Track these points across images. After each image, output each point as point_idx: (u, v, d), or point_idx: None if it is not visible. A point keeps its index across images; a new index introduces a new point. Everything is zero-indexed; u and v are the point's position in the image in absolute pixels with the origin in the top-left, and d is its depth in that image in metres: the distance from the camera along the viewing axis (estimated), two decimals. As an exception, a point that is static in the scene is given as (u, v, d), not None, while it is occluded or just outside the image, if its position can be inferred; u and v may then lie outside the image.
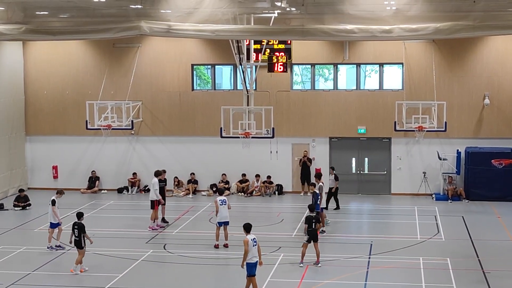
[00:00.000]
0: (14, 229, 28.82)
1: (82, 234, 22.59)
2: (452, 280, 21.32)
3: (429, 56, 34.19)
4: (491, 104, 33.94)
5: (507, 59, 33.95)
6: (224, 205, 25.45)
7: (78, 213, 23.38)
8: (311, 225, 22.81)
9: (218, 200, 25.49)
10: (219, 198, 25.65)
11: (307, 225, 22.85)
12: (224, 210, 25.43)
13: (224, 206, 25.45)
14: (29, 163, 37.59)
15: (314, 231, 22.84)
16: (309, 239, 22.77)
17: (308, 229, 22.78)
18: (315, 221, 22.87)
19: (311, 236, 22.74)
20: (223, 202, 25.46)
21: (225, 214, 25.45)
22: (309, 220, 22.86)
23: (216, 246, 25.19)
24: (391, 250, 24.87)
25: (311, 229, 22.77)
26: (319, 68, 35.93)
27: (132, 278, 21.96)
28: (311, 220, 22.83)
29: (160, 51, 35.97)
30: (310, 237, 22.75)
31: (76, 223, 22.79)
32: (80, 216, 23.05)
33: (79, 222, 22.79)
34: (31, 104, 37.17)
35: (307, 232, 22.79)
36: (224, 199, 25.61)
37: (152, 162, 36.51)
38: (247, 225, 20.01)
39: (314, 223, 22.82)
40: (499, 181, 32.96)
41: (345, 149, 35.60)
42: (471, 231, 27.66)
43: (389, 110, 33.80)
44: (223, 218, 25.41)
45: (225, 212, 25.44)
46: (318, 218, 23.23)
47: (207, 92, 36.23)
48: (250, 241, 19.50)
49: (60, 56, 36.68)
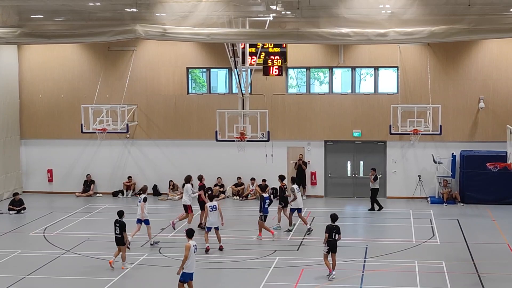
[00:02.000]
0: (9, 233, 28.75)
1: (123, 232, 23.13)
2: (447, 283, 21.34)
3: (424, 59, 34.25)
4: (486, 107, 34.01)
5: (501, 62, 34.03)
6: (214, 211, 25.28)
7: (119, 211, 23.81)
8: (332, 235, 21.81)
9: (208, 206, 25.33)
10: (209, 204, 25.44)
11: (327, 234, 21.85)
12: (213, 216, 25.27)
13: (215, 212, 25.29)
14: (24, 167, 37.53)
15: (334, 241, 21.79)
16: (329, 250, 21.79)
17: (328, 239, 21.79)
18: (336, 232, 21.86)
19: (330, 246, 21.80)
20: (213, 208, 25.26)
21: (214, 220, 25.30)
22: (329, 230, 21.83)
23: (207, 249, 24.98)
24: (386, 253, 24.88)
25: (331, 239, 21.84)
26: (314, 71, 35.97)
27: (127, 282, 21.92)
28: (331, 229, 21.83)
29: (155, 54, 35.97)
30: (330, 247, 21.78)
31: (118, 221, 23.35)
32: (121, 215, 23.61)
33: (120, 220, 23.35)
34: (26, 108, 37.13)
35: (327, 242, 21.76)
36: (215, 205, 25.38)
37: (147, 165, 36.56)
38: (190, 230, 19.76)
39: (334, 234, 21.83)
40: (494, 184, 33.00)
41: (340, 153, 35.63)
42: (466, 234, 27.69)
43: (384, 114, 33.84)
44: (212, 224, 25.27)
45: (214, 218, 25.29)
46: (338, 228, 22.04)
47: (202, 96, 36.23)
48: (192, 247, 19.20)
49: (55, 59, 36.65)
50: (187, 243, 19.26)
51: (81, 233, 28.33)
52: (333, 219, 22.09)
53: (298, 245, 26.17)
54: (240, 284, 21.65)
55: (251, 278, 22.13)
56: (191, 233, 19.67)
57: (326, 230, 21.89)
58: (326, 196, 35.69)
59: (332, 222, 22.01)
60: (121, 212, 23.70)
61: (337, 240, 21.89)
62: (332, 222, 22.02)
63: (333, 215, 22.29)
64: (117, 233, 23.21)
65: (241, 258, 24.42)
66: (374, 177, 32.06)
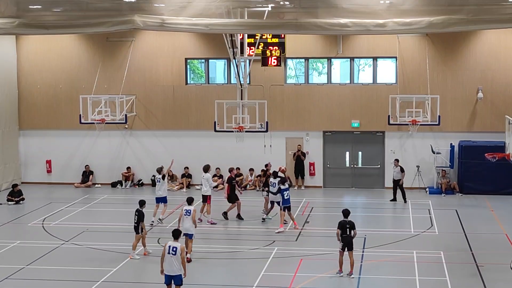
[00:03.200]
0: (8, 224, 28.77)
1: (140, 221, 23.21)
2: (445, 273, 21.38)
3: (422, 50, 34.23)
4: (485, 98, 34.01)
5: (500, 53, 34.01)
6: (188, 216, 22.77)
7: (140, 200, 23.74)
8: (345, 231, 21.14)
9: (183, 210, 23.01)
10: (186, 207, 23.03)
11: (340, 231, 21.13)
12: (187, 221, 22.75)
13: (188, 217, 22.76)
14: (22, 158, 37.54)
15: (349, 237, 21.12)
16: (344, 246, 21.22)
17: (342, 235, 21.19)
18: (350, 227, 21.14)
19: (345, 243, 21.31)
20: (187, 212, 22.85)
21: (187, 226, 22.66)
22: (342, 226, 21.13)
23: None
24: (385, 243, 24.93)
25: (346, 235, 21.16)
26: (312, 62, 35.93)
27: (126, 272, 21.96)
28: (344, 225, 21.12)
29: (154, 45, 35.93)
30: (344, 244, 21.20)
31: (137, 210, 23.43)
32: (142, 204, 23.60)
33: (140, 210, 23.42)
34: (25, 99, 37.10)
35: (342, 238, 21.22)
36: (190, 210, 22.85)
37: (146, 156, 36.57)
38: (175, 231, 18.75)
39: (348, 229, 21.14)
40: (492, 174, 33.04)
41: (338, 143, 35.64)
42: (465, 224, 27.75)
43: (382, 104, 33.83)
44: (184, 230, 22.25)
45: (187, 224, 22.71)
46: (353, 224, 21.43)
47: (200, 86, 36.20)
48: (167, 248, 18.20)
49: (54, 50, 36.61)
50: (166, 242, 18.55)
51: (80, 223, 28.37)
52: (345, 215, 21.44)
53: (297, 236, 26.21)
54: (238, 275, 21.69)
55: (250, 268, 22.17)
56: (176, 234, 18.67)
57: (338, 226, 21.29)
58: (325, 186, 35.72)
59: (345, 217, 21.39)
60: (142, 202, 23.66)
61: (353, 236, 21.29)
62: (344, 217, 21.39)
63: (345, 211, 21.55)
64: (135, 222, 23.42)
65: (239, 249, 24.47)
66: (401, 168, 31.94)
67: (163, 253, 18.26)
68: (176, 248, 18.14)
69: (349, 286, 20.46)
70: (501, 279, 20.99)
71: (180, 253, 18.12)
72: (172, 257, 18.13)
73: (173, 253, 18.13)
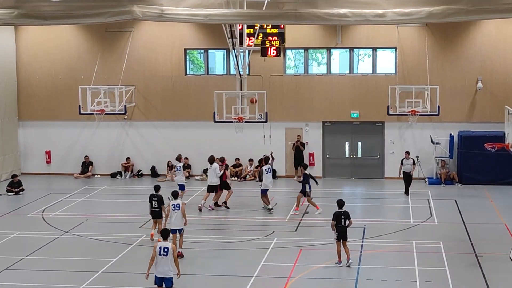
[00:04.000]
0: (7, 214, 28.81)
1: (161, 205, 23.65)
2: (445, 263, 21.42)
3: (422, 40, 34.20)
4: (484, 88, 34.00)
5: (500, 43, 33.99)
6: (177, 210, 22.07)
7: (155, 185, 24.26)
8: (340, 221, 21.18)
9: (171, 205, 22.22)
10: (173, 202, 22.24)
11: (334, 222, 21.19)
12: (176, 216, 22.10)
13: (177, 212, 22.08)
14: (22, 148, 37.55)
15: (344, 228, 21.18)
16: (339, 236, 21.25)
17: (337, 225, 21.31)
18: (344, 217, 21.22)
19: (340, 233, 21.12)
20: (176, 207, 22.12)
21: (176, 221, 22.11)
22: (337, 216, 21.17)
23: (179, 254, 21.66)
24: (384, 234, 24.97)
25: (340, 225, 21.22)
26: (312, 52, 35.91)
27: (125, 263, 21.99)
28: (339, 216, 21.18)
29: (153, 35, 35.89)
30: (340, 234, 21.29)
31: (155, 195, 23.83)
32: (157, 189, 24.01)
33: (158, 195, 23.84)
34: (24, 89, 37.09)
35: (336, 228, 21.26)
36: (178, 204, 22.15)
37: (145, 147, 36.59)
38: (164, 231, 18.16)
39: (343, 219, 21.21)
40: (491, 165, 33.07)
41: (338, 134, 35.66)
42: (464, 214, 27.78)
43: (382, 94, 33.81)
44: (173, 225, 21.95)
45: (176, 219, 22.12)
46: (348, 214, 21.49)
47: (200, 77, 36.18)
48: (158, 249, 17.48)
49: (53, 41, 36.58)
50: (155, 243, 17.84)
51: (80, 214, 28.40)
52: (340, 205, 21.51)
53: (296, 226, 26.25)
54: (238, 265, 21.72)
55: (249, 258, 22.20)
56: (165, 233, 18.03)
57: (333, 218, 21.35)
58: (324, 177, 35.73)
59: (339, 208, 21.45)
60: (157, 187, 24.14)
61: (348, 226, 21.35)
62: (339, 208, 21.44)
63: (340, 201, 21.65)
64: (155, 207, 23.77)
65: (239, 239, 24.50)
66: (413, 161, 31.89)
67: (153, 255, 17.51)
68: (168, 248, 17.50)
69: (349, 276, 20.49)
70: (500, 269, 21.03)
71: (172, 252, 17.57)
72: (164, 258, 17.48)
73: (164, 254, 17.46)
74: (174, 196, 22.48)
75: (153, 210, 23.93)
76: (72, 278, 20.37)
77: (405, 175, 31.78)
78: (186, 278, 19.76)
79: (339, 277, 20.67)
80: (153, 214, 23.99)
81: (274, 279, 20.40)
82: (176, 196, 22.59)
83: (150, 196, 23.97)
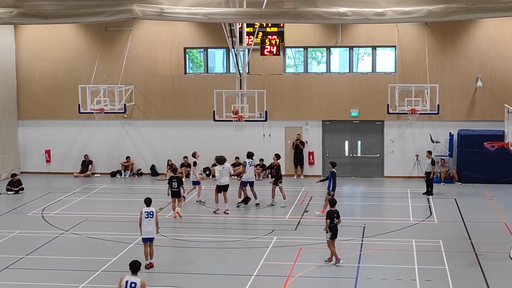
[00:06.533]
0: (7, 213, 28.80)
1: (180, 185, 26.92)
2: (444, 262, 21.42)
3: (421, 39, 34.19)
4: (484, 86, 33.98)
5: (499, 42, 33.98)
6: (151, 218, 21.04)
7: (173, 169, 28.41)
8: (333, 220, 21.15)
9: (144, 212, 21.10)
10: (145, 209, 21.12)
11: (329, 221, 21.34)
12: (149, 224, 21.03)
13: (150, 220, 21.04)
14: (21, 147, 37.53)
15: (336, 226, 21.19)
16: (332, 236, 21.22)
17: (330, 225, 21.20)
18: (336, 216, 21.20)
19: (333, 232, 21.19)
20: (149, 215, 21.06)
21: (149, 229, 21.06)
22: (331, 215, 21.16)
23: (147, 267, 20.95)
24: (384, 232, 24.97)
25: (333, 225, 21.12)
26: (311, 51, 35.89)
27: (125, 262, 21.88)
28: (332, 215, 21.17)
29: (153, 34, 35.87)
30: (333, 233, 21.23)
31: (175, 177, 27.16)
32: (175, 171, 27.96)
33: (177, 176, 27.37)
34: (23, 88, 37.07)
35: (329, 228, 21.18)
36: (152, 211, 21.07)
37: (145, 146, 36.58)
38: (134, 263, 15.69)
39: (336, 218, 21.22)
40: (491, 163, 33.06)
41: (338, 132, 35.65)
42: (464, 213, 27.78)
43: (382, 93, 33.81)
44: (146, 234, 21.07)
45: (149, 227, 21.04)
46: (338, 212, 21.40)
47: (199, 76, 36.17)
48: (123, 284, 15.12)
49: (52, 39, 36.55)
50: (121, 277, 15.39)
51: (80, 213, 28.40)
52: (333, 204, 21.59)
53: (296, 225, 26.25)
54: (238, 264, 21.71)
55: (249, 257, 22.20)
56: (135, 266, 15.50)
57: (327, 216, 21.36)
58: (324, 175, 35.67)
59: (332, 207, 21.51)
60: (175, 169, 28.18)
61: (337, 223, 21.38)
62: (331, 207, 21.51)
63: (332, 200, 21.82)
64: (175, 187, 26.81)
65: (239, 238, 24.50)
66: (432, 161, 31.75)
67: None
68: (136, 284, 14.87)
69: (349, 275, 20.48)
70: (499, 268, 21.03)
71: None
72: None
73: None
74: (147, 203, 21.26)
75: (173, 190, 26.90)
76: (71, 277, 20.36)
77: (426, 174, 31.47)
78: (186, 277, 19.79)
79: (339, 276, 20.65)
80: (173, 193, 27.00)
81: (274, 278, 20.37)
82: (149, 203, 21.31)
83: (169, 178, 27.25)
